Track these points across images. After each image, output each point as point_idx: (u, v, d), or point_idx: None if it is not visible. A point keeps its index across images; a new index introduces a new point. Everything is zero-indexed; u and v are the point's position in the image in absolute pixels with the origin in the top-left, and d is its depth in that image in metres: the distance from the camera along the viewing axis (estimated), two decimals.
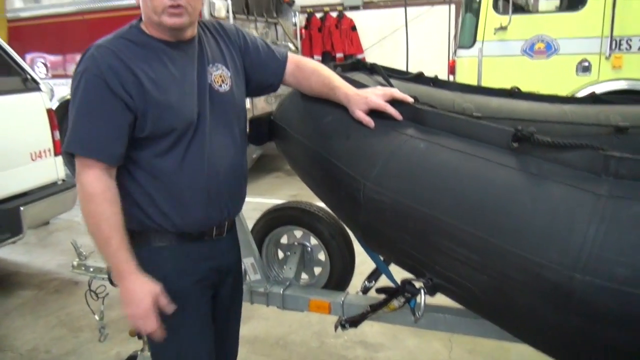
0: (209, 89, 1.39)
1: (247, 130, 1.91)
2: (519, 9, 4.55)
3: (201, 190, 1.38)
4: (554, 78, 4.20)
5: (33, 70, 5.85)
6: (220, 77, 1.42)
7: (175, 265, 1.41)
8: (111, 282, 1.84)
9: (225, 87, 1.42)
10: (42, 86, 3.34)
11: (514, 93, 2.19)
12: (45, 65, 6.24)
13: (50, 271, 3.80)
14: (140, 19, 1.37)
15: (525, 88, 2.25)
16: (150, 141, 1.32)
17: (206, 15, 5.19)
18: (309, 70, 1.57)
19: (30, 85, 3.28)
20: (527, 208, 1.07)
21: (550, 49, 4.22)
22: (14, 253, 4.09)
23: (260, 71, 1.54)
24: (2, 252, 3.96)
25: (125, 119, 1.27)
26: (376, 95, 1.45)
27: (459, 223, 1.14)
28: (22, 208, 2.99)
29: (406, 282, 1.39)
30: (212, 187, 1.40)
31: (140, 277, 1.31)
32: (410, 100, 1.42)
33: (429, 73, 2.25)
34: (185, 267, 1.42)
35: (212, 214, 1.42)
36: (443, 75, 5.92)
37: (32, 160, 3.14)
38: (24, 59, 5.82)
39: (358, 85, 1.53)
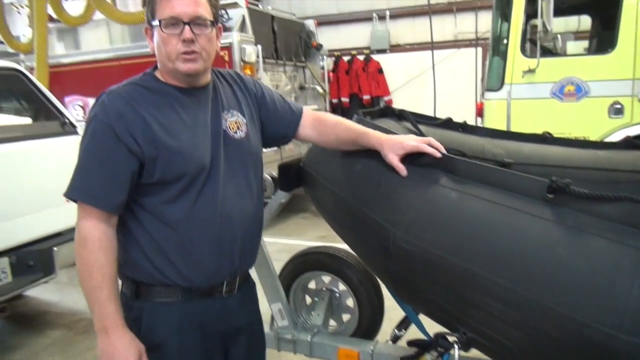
0: (224, 135, 1.38)
1: (277, 175, 1.94)
2: (547, 52, 4.54)
3: (212, 239, 1.33)
4: (585, 121, 4.14)
5: (71, 112, 6.10)
6: (236, 123, 1.41)
7: (180, 323, 1.34)
8: None
9: (240, 134, 1.41)
10: (79, 129, 3.46)
11: (546, 138, 2.16)
12: (83, 108, 6.49)
13: (80, 311, 3.82)
14: (155, 67, 1.39)
15: (555, 131, 2.22)
16: (159, 187, 1.29)
17: (237, 60, 5.35)
18: (331, 121, 1.57)
19: (68, 128, 3.40)
20: (565, 262, 1.03)
21: (580, 91, 4.18)
22: (46, 292, 4.15)
23: (275, 122, 1.54)
24: (34, 291, 4.03)
25: (129, 167, 1.26)
26: (411, 139, 1.44)
27: (494, 276, 1.11)
28: (55, 248, 3.04)
29: (439, 336, 1.34)
30: (225, 236, 1.35)
31: (127, 333, 1.26)
32: (443, 150, 1.40)
33: (455, 115, 2.25)
34: (191, 325, 1.35)
35: (224, 265, 1.37)
36: (471, 117, 5.92)
37: (67, 201, 3.22)
38: (63, 101, 6.09)
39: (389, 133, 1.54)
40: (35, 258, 2.99)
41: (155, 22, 1.30)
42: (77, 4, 6.60)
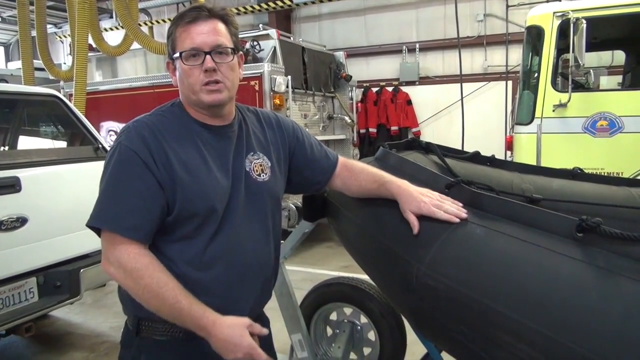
0: (246, 176, 1.37)
1: (302, 205, 1.94)
2: (579, 87, 4.48)
3: (222, 283, 1.31)
4: (619, 156, 4.04)
5: (105, 138, 6.28)
6: (260, 166, 1.40)
7: None
8: None
9: (264, 177, 1.40)
10: None
11: (576, 174, 2.11)
12: (116, 133, 6.69)
13: (103, 333, 3.86)
14: None
15: (587, 166, 2.17)
16: (173, 225, 1.28)
17: (267, 89, 5.45)
18: (358, 168, 1.56)
19: (100, 153, 3.49)
20: (596, 305, 0.99)
21: (613, 126, 4.09)
22: (71, 313, 4.20)
23: (310, 167, 1.54)
24: (58, 312, 4.09)
25: (161, 196, 1.25)
26: (430, 201, 1.35)
27: (521, 317, 1.07)
28: (82, 270, 3.09)
29: None
30: (234, 280, 1.33)
31: (224, 319, 1.22)
32: (464, 212, 1.31)
33: (485, 148, 2.23)
34: None
35: (230, 309, 1.31)
36: (500, 150, 5.85)
37: None
38: (98, 127, 6.28)
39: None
40: (62, 279, 3.03)
41: (176, 55, 1.30)
42: (117, 34, 6.87)
